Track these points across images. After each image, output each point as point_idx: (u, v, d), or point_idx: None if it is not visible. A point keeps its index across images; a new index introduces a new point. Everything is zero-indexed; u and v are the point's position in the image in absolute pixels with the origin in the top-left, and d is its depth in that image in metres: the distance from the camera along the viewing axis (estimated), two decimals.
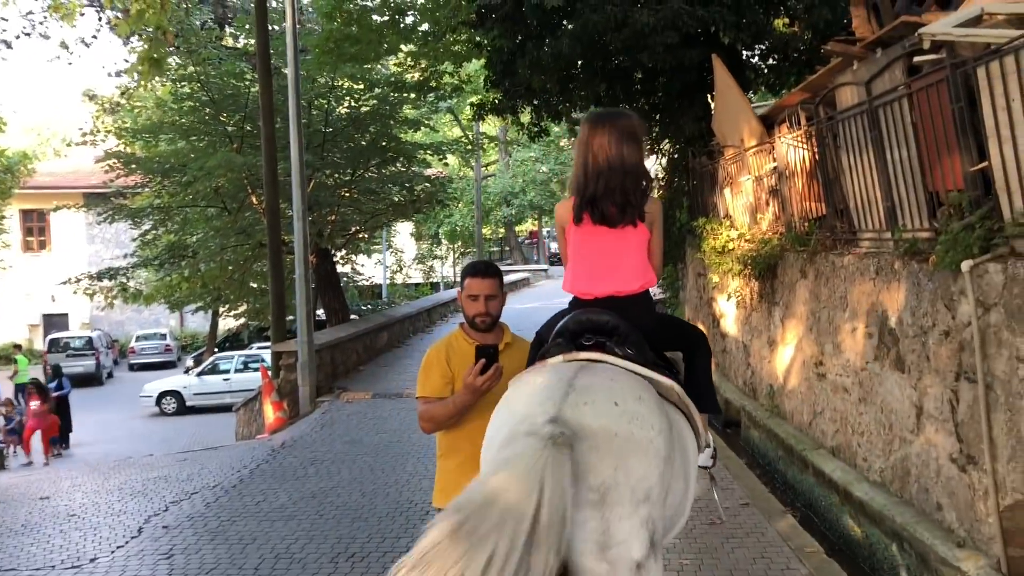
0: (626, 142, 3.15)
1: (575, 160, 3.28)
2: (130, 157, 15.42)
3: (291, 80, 11.01)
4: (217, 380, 25.74)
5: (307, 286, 11.28)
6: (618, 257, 3.15)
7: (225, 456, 9.11)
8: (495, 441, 2.73)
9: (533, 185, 33.80)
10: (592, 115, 3.39)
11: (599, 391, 2.71)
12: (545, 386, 2.75)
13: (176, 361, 37.62)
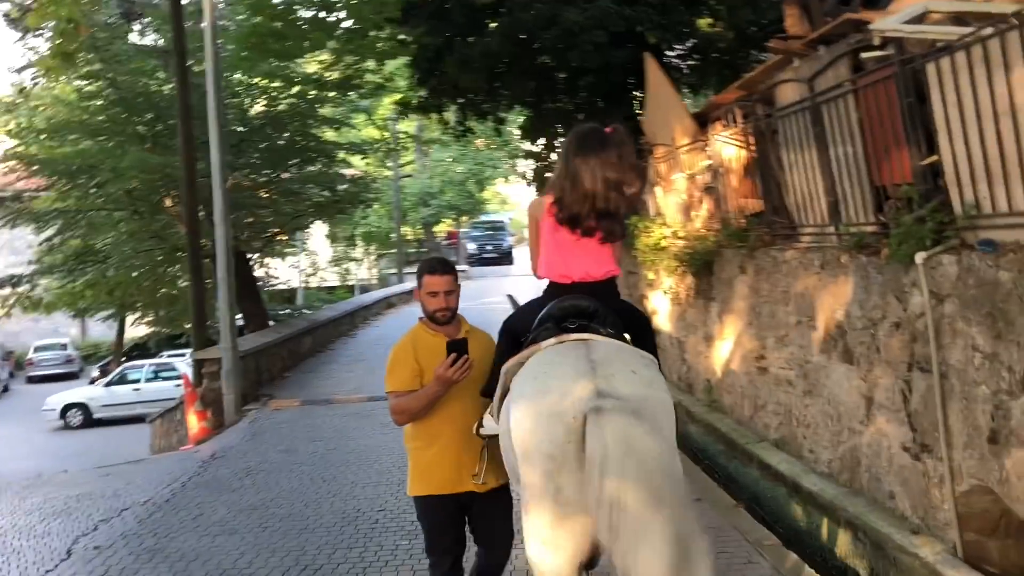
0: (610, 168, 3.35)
1: (558, 169, 3.53)
2: (33, 158, 14.62)
3: (210, 77, 10.62)
4: (126, 391, 24.78)
5: (230, 291, 10.89)
6: (585, 249, 3.41)
7: (151, 469, 8.72)
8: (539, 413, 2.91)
9: (451, 186, 33.65)
10: (580, 134, 3.55)
11: (615, 363, 3.01)
12: (568, 364, 3.00)
13: (79, 372, 36.10)
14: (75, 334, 40.93)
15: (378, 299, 21.08)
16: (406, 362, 3.82)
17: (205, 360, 11.30)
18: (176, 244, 15.37)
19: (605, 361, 3.00)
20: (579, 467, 2.76)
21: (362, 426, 9.40)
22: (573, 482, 2.80)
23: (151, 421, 17.14)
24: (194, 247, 11.84)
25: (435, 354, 3.65)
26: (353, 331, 17.62)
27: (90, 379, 30.87)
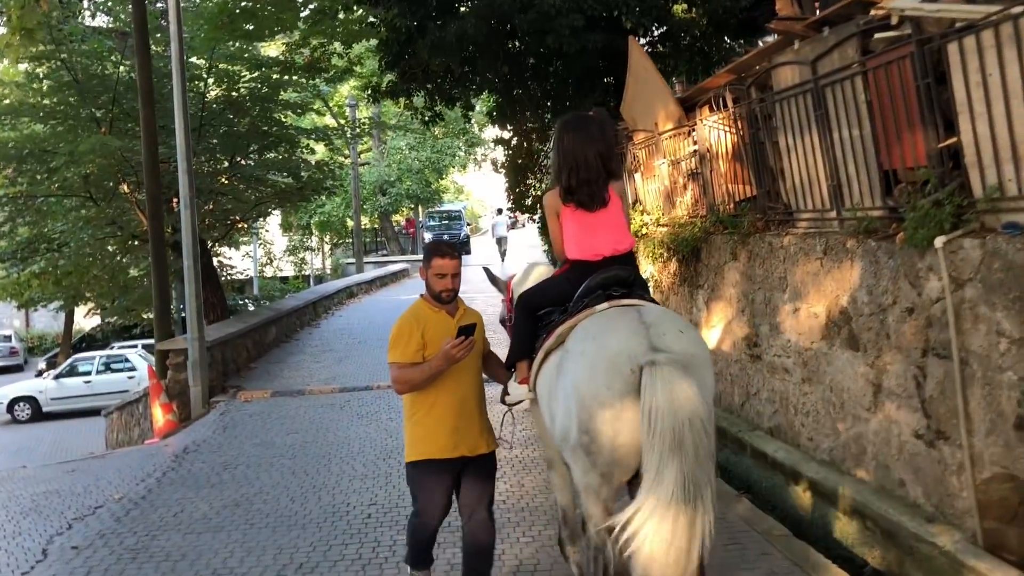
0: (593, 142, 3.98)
1: (555, 158, 4.06)
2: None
3: (175, 56, 10.18)
4: (77, 383, 24.01)
5: (197, 279, 10.49)
6: (607, 226, 3.96)
7: (119, 464, 8.34)
8: (598, 366, 3.37)
9: (409, 174, 33.21)
10: (566, 120, 4.18)
11: (665, 323, 3.49)
12: (624, 324, 3.47)
13: (24, 365, 35.02)
14: (18, 325, 39.74)
15: (339, 289, 20.67)
16: (412, 336, 4.04)
17: (170, 351, 10.90)
18: (134, 232, 14.86)
19: (657, 322, 3.47)
20: (634, 415, 3.22)
21: (339, 418, 9.14)
22: (629, 428, 3.27)
23: (107, 415, 16.56)
24: (157, 234, 11.40)
25: (437, 329, 4.02)
26: (316, 321, 17.23)
27: (37, 371, 29.91)
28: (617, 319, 3.53)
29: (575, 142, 3.97)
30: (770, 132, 6.93)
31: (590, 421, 3.36)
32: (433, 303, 4.11)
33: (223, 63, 14.98)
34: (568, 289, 3.93)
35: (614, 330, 3.46)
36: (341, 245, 36.01)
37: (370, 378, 11.32)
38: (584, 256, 3.94)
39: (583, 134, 4.01)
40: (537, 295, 4.14)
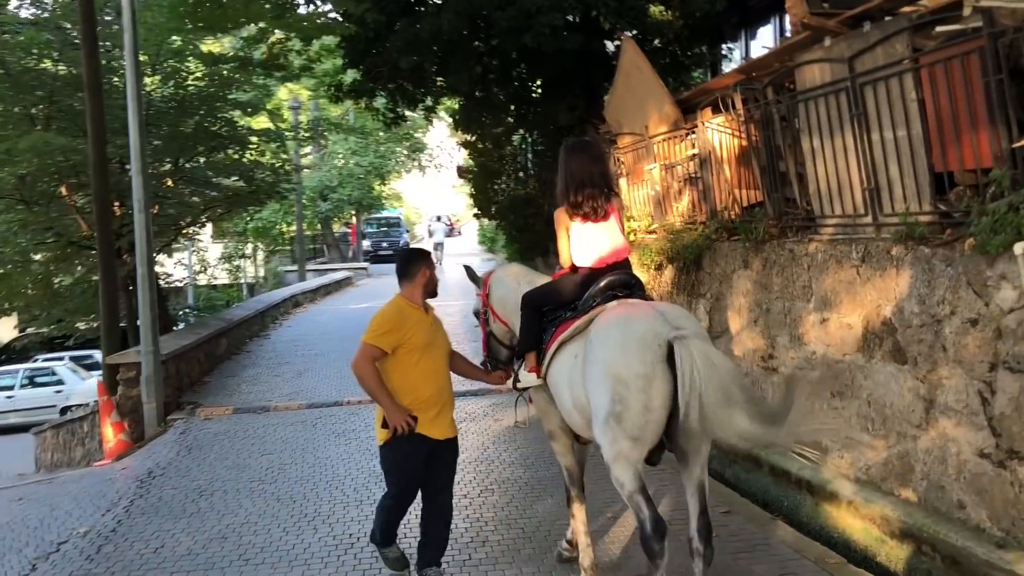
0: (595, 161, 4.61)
1: (560, 178, 4.58)
2: None
3: (128, 47, 9.43)
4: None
5: (152, 287, 9.75)
6: (609, 237, 4.51)
7: (73, 490, 7.57)
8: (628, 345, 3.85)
9: (351, 179, 32.35)
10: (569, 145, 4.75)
11: (675, 313, 4.11)
12: (647, 315, 4.00)
13: None
14: None
15: (285, 298, 19.85)
16: (394, 330, 4.50)
17: (120, 365, 10.10)
18: (71, 238, 13.91)
19: (668, 311, 4.11)
20: (662, 383, 3.74)
21: (313, 436, 8.52)
22: (658, 393, 3.76)
23: (38, 432, 15.50)
24: (106, 239, 10.57)
25: (417, 325, 4.58)
26: (265, 332, 16.42)
27: None
28: (636, 309, 4.12)
29: (580, 162, 4.54)
30: (788, 134, 6.64)
31: (624, 391, 3.79)
32: (413, 302, 4.66)
33: (169, 59, 14.17)
34: (576, 291, 4.48)
35: (636, 318, 4.00)
36: (278, 252, 34.92)
37: (337, 393, 10.70)
38: (592, 264, 4.47)
39: (587, 155, 4.61)
40: (545, 296, 4.68)
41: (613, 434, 3.86)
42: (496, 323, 5.11)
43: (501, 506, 6.10)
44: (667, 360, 3.71)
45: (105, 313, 10.69)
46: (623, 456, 3.87)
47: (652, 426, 3.82)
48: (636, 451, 3.87)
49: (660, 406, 3.77)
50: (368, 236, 40.23)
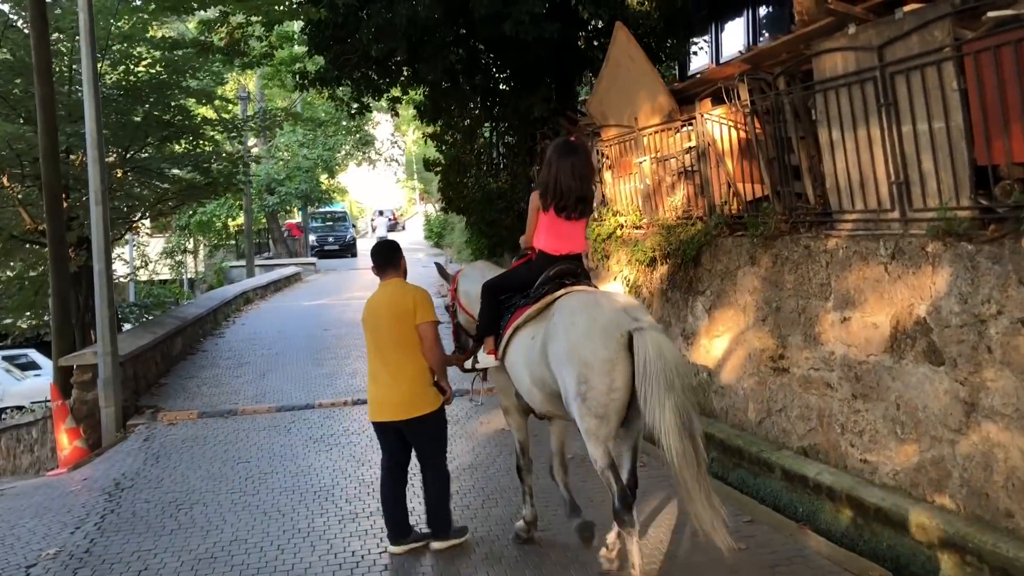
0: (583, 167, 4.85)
1: (546, 171, 4.84)
2: None
3: (83, 28, 8.75)
4: None
5: (109, 284, 9.13)
6: (574, 233, 4.92)
7: (31, 504, 6.96)
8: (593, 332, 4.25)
9: (298, 172, 31.50)
10: (558, 145, 4.95)
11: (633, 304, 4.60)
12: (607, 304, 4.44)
13: None
14: None
15: (237, 294, 19.12)
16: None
17: (73, 367, 9.45)
18: (12, 231, 13.09)
19: (627, 303, 4.58)
20: (623, 368, 4.17)
21: (291, 443, 8.03)
22: (620, 376, 4.18)
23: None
24: (57, 233, 9.87)
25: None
26: (219, 330, 15.72)
27: None
28: (600, 300, 4.53)
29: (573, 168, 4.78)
30: (801, 126, 6.40)
31: (589, 374, 4.21)
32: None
33: (118, 44, 13.43)
34: (528, 278, 4.89)
35: (599, 307, 4.40)
36: (223, 247, 33.87)
37: (306, 395, 10.21)
38: (548, 250, 4.87)
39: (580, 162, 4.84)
40: (501, 284, 5.08)
41: (580, 412, 4.28)
42: (462, 314, 5.60)
43: (508, 519, 5.73)
44: (627, 348, 4.16)
45: (57, 312, 10.02)
46: (592, 433, 4.28)
47: (615, 405, 4.23)
48: (603, 428, 4.27)
49: (622, 387, 4.20)
50: (314, 231, 39.38)
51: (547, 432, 5.32)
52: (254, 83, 29.41)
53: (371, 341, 5.20)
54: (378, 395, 5.14)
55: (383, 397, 5.12)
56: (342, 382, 10.79)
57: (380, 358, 5.15)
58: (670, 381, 4.02)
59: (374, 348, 5.18)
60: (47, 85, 9.61)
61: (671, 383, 4.02)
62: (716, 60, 13.35)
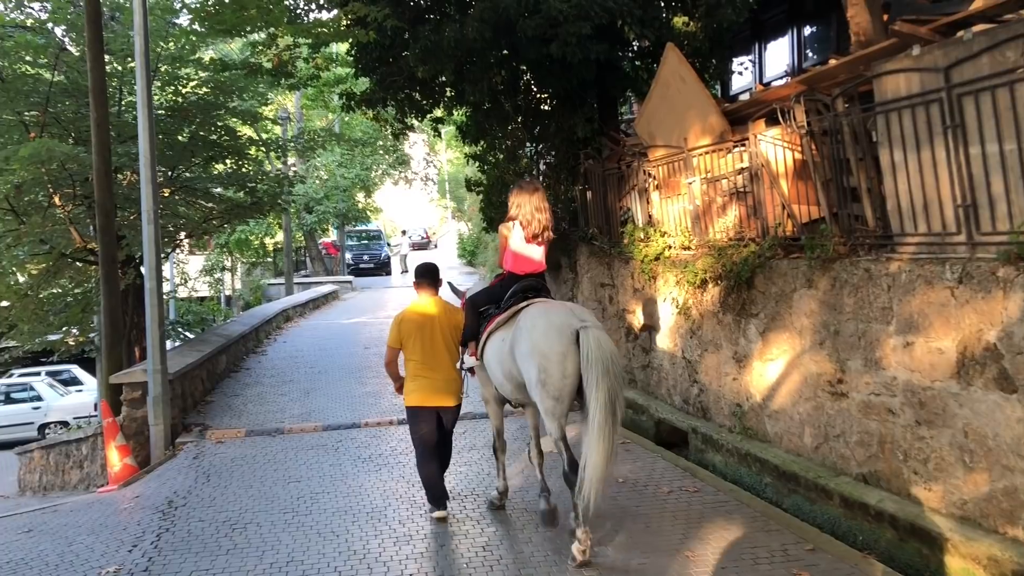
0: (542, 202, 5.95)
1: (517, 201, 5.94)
2: None
3: (139, 50, 8.91)
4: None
5: (160, 302, 9.23)
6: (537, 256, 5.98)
7: (86, 521, 7.01)
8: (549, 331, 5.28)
9: (336, 191, 31.78)
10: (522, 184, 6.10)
11: (580, 310, 5.54)
12: (559, 310, 5.45)
13: None
14: None
15: (277, 312, 19.27)
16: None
17: (123, 384, 9.54)
18: (62, 250, 13.29)
19: (576, 309, 5.53)
20: (573, 358, 5.20)
21: (339, 462, 8.04)
22: (571, 365, 5.20)
23: (23, 452, 14.80)
24: (109, 252, 10.00)
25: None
26: (261, 347, 15.85)
27: None
28: (554, 307, 5.52)
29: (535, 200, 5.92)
30: (860, 147, 6.32)
31: (547, 364, 5.24)
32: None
33: (166, 65, 13.65)
34: (501, 293, 6.01)
35: (555, 313, 5.40)
36: (260, 264, 34.20)
37: (351, 414, 10.23)
38: (515, 270, 5.99)
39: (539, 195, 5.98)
40: (480, 298, 6.24)
41: (541, 395, 5.30)
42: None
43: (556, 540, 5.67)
44: (575, 343, 5.19)
45: (107, 330, 10.13)
46: (550, 412, 5.29)
47: (568, 388, 5.25)
48: (559, 407, 5.28)
49: (572, 374, 5.22)
50: (350, 249, 39.65)
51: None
52: (293, 103, 29.76)
53: (418, 342, 6.25)
54: (427, 386, 6.22)
55: (433, 388, 6.22)
56: (386, 401, 10.80)
57: (433, 357, 6.26)
58: (606, 367, 5.03)
59: (422, 348, 6.25)
60: (102, 107, 9.77)
61: (607, 369, 5.03)
62: (760, 79, 13.30)
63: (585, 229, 11.74)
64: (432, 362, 6.24)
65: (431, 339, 6.26)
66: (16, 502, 12.85)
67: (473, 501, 6.67)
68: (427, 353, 6.24)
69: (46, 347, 17.19)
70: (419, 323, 6.27)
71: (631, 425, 9.55)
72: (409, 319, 6.31)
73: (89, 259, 13.50)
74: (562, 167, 12.57)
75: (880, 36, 6.57)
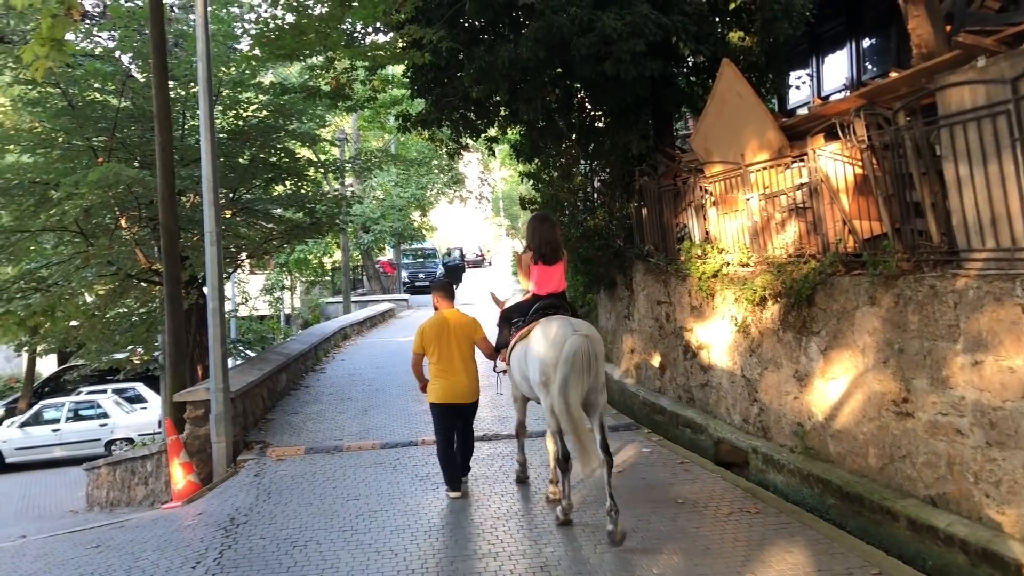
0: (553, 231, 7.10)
1: (531, 234, 7.13)
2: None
3: (201, 76, 9.16)
4: (44, 431, 22.33)
5: (222, 322, 9.42)
6: (555, 277, 7.06)
7: (151, 537, 7.15)
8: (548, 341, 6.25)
9: (392, 211, 32.17)
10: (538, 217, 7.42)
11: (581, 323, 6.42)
12: (562, 324, 6.32)
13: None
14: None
15: (335, 330, 19.52)
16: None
17: (187, 402, 9.74)
18: (128, 271, 13.66)
19: (576, 322, 6.45)
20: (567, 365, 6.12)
21: (396, 480, 8.09)
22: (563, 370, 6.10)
23: (91, 468, 15.17)
24: (173, 272, 10.26)
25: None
26: (319, 365, 16.06)
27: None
28: (557, 323, 6.38)
29: (548, 231, 7.08)
30: (923, 161, 6.20)
31: (546, 369, 6.22)
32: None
33: (227, 90, 13.98)
34: (527, 309, 6.96)
35: (557, 327, 6.31)
36: (319, 283, 34.73)
37: (408, 431, 10.29)
38: (538, 291, 7.02)
39: (551, 227, 7.18)
40: (510, 312, 7.22)
41: (543, 394, 6.32)
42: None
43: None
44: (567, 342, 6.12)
45: (171, 349, 10.36)
46: (551, 408, 6.23)
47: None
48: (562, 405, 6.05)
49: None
50: (405, 267, 40.07)
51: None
52: (350, 125, 30.24)
53: (436, 348, 7.35)
54: (451, 386, 7.34)
55: (456, 387, 7.35)
56: None
57: (449, 361, 7.35)
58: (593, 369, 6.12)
59: (446, 353, 7.35)
60: (167, 131, 10.04)
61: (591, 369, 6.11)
62: (818, 93, 13.12)
63: (641, 246, 11.69)
64: (448, 365, 7.34)
65: (447, 345, 7.35)
66: (85, 517, 13.18)
67: (529, 522, 6.64)
68: (444, 357, 7.34)
69: (112, 365, 17.62)
70: (437, 332, 7.39)
71: (690, 445, 9.45)
72: (429, 328, 7.45)
73: (153, 279, 13.84)
74: (617, 184, 12.54)
75: (943, 48, 6.45)
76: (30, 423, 22.68)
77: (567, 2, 9.95)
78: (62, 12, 6.61)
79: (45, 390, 28.97)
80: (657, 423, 10.65)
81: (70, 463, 21.09)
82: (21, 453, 22.22)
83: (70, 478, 19.86)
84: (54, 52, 6.51)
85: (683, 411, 10.08)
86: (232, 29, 13.33)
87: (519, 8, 10.33)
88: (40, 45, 6.48)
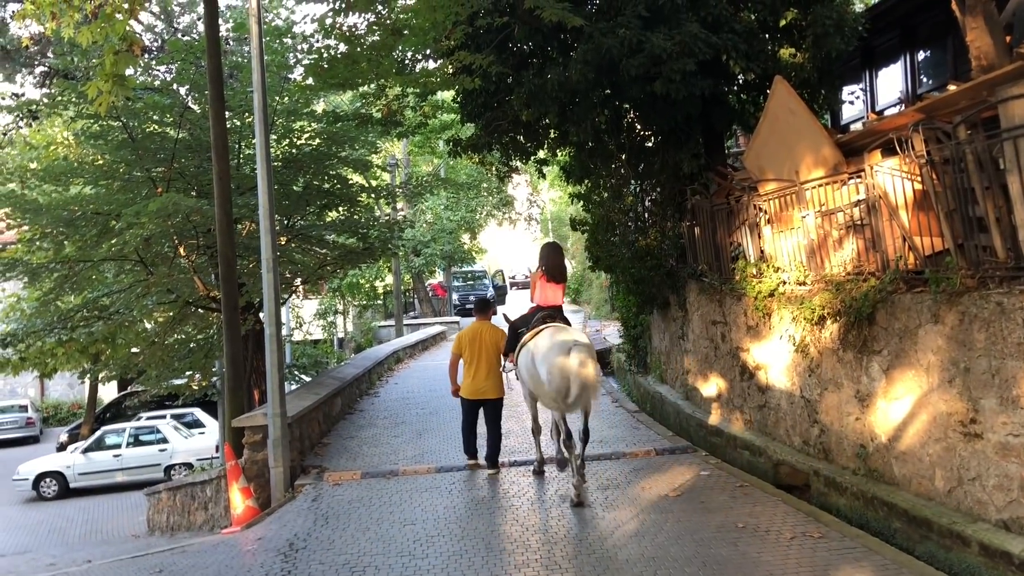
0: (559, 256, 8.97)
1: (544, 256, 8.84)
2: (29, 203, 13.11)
3: (257, 105, 9.35)
4: (106, 457, 22.85)
5: (280, 348, 9.55)
6: (557, 294, 8.75)
7: (212, 562, 7.25)
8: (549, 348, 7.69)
9: (442, 234, 32.45)
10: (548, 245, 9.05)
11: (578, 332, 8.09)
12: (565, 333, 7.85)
13: (39, 436, 33.71)
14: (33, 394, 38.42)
15: (388, 354, 19.67)
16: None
17: (245, 428, 9.87)
18: (187, 298, 13.95)
19: (575, 333, 7.90)
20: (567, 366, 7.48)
21: (452, 504, 8.09)
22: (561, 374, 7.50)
23: (151, 493, 15.44)
24: (231, 299, 10.45)
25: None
26: (373, 389, 16.18)
27: (58, 444, 28.72)
28: (562, 330, 7.90)
29: (556, 256, 8.87)
30: (986, 176, 6.05)
31: (551, 370, 7.50)
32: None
33: (281, 119, 14.26)
34: (530, 319, 8.47)
35: (561, 335, 7.72)
36: (371, 307, 35.08)
37: (463, 455, 10.27)
38: (541, 304, 8.62)
39: (558, 253, 8.96)
40: (517, 322, 8.78)
41: (547, 391, 7.62)
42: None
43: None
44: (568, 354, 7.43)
45: (229, 373, 10.53)
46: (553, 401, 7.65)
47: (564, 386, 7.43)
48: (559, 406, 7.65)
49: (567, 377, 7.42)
50: (456, 290, 40.28)
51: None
52: (401, 150, 30.62)
53: (474, 353, 9.23)
54: (478, 385, 9.21)
55: (482, 386, 9.21)
56: None
57: (478, 364, 9.21)
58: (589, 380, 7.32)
59: (471, 357, 9.25)
60: (224, 160, 10.26)
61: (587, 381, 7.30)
62: (872, 108, 12.92)
63: (694, 265, 11.59)
64: (476, 367, 9.21)
65: (478, 351, 9.22)
66: (147, 541, 13.41)
67: (587, 547, 6.58)
68: (474, 360, 9.21)
69: (171, 391, 17.96)
70: (471, 339, 9.31)
71: (748, 468, 9.29)
72: (465, 335, 9.43)
73: (211, 306, 14.11)
74: (668, 203, 12.46)
75: (1003, 59, 6.31)
76: (92, 448, 23.22)
77: (616, 24, 9.96)
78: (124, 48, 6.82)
79: (107, 416, 29.65)
80: (714, 445, 10.49)
81: (131, 488, 21.54)
82: (84, 478, 22.74)
83: (131, 502, 20.26)
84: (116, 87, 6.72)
85: (741, 433, 9.92)
86: (286, 59, 13.62)
87: (568, 31, 10.38)
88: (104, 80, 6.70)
